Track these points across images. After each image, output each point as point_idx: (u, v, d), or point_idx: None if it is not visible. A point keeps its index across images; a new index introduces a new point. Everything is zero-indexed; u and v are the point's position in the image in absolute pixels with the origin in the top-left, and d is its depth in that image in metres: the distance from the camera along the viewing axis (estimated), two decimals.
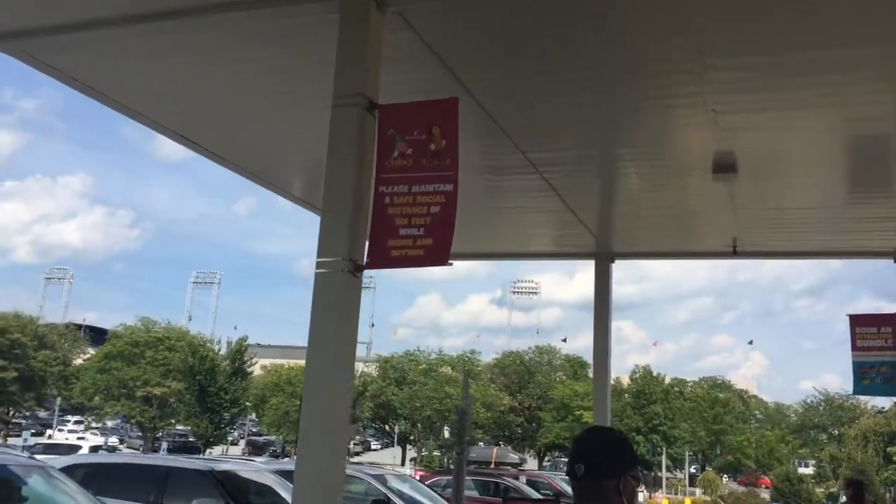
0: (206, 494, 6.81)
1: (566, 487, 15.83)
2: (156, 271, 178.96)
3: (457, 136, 3.45)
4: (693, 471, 53.09)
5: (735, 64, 4.06)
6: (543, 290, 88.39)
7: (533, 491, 14.36)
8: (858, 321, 7.67)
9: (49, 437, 41.27)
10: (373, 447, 59.87)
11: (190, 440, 43.48)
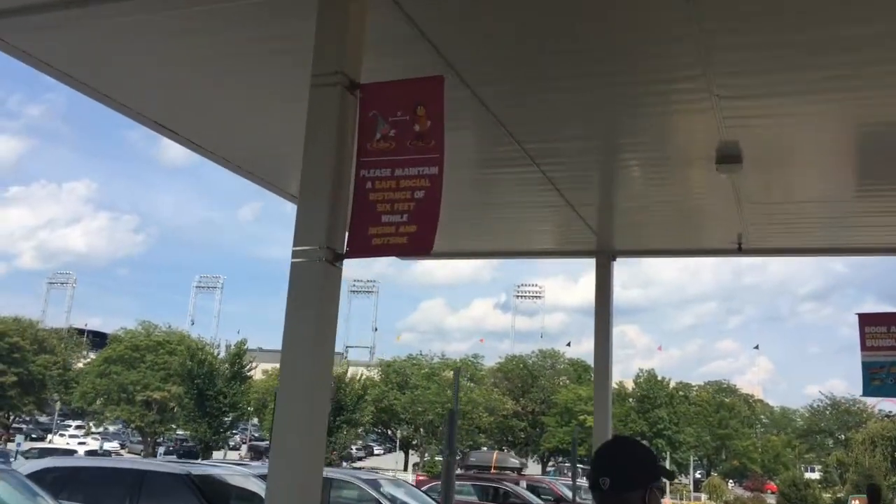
0: (182, 499, 6.54)
1: (567, 492, 15.55)
2: (160, 276, 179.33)
3: (443, 117, 3.25)
4: (698, 476, 52.72)
5: (738, 42, 3.84)
6: (548, 295, 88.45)
7: (534, 496, 14.09)
8: (868, 320, 7.44)
9: (50, 442, 41.16)
10: (375, 452, 59.61)
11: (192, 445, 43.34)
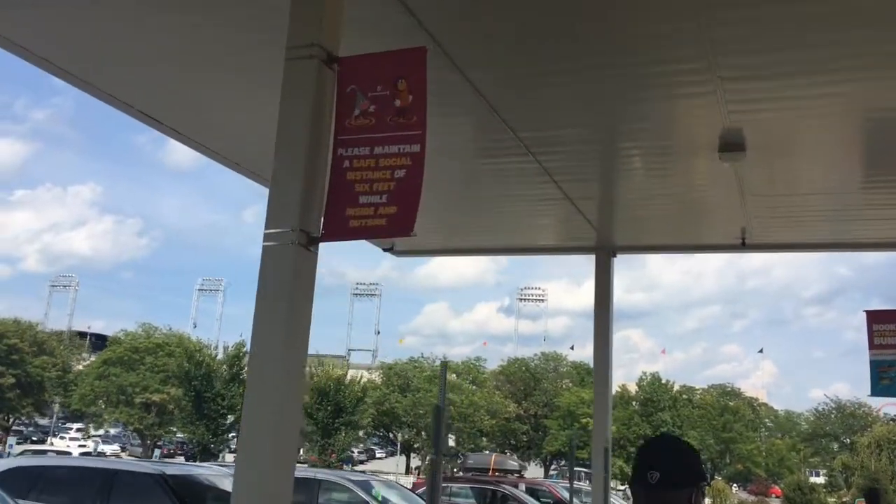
0: (155, 499, 6.31)
1: (566, 495, 15.33)
2: (164, 279, 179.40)
3: (425, 91, 3.04)
4: None
5: (742, 16, 3.63)
6: (551, 298, 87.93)
7: (533, 500, 13.86)
8: (876, 318, 7.22)
9: (50, 444, 41.03)
10: (377, 455, 59.30)
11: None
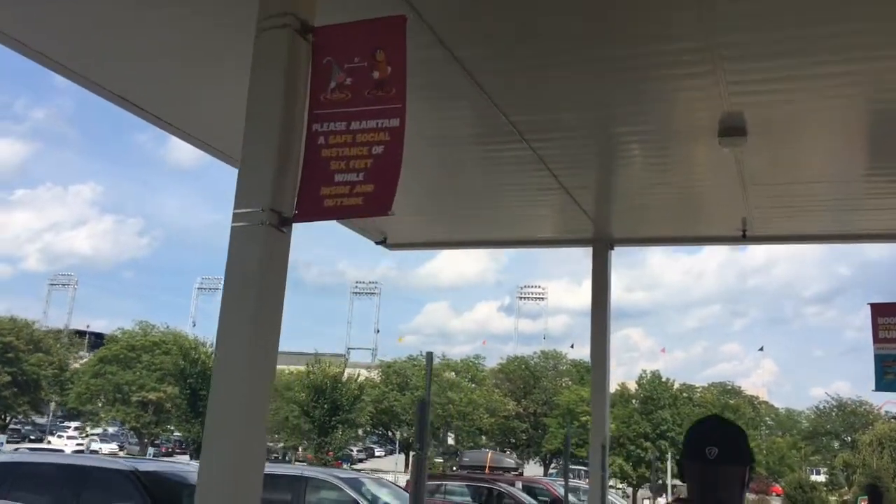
0: (127, 497, 6.08)
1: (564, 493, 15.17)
2: (165, 279, 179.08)
3: (405, 62, 2.87)
4: None
5: None
6: (552, 298, 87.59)
7: (529, 498, 13.68)
8: (881, 310, 7.04)
9: (48, 443, 40.89)
10: (377, 454, 59.15)
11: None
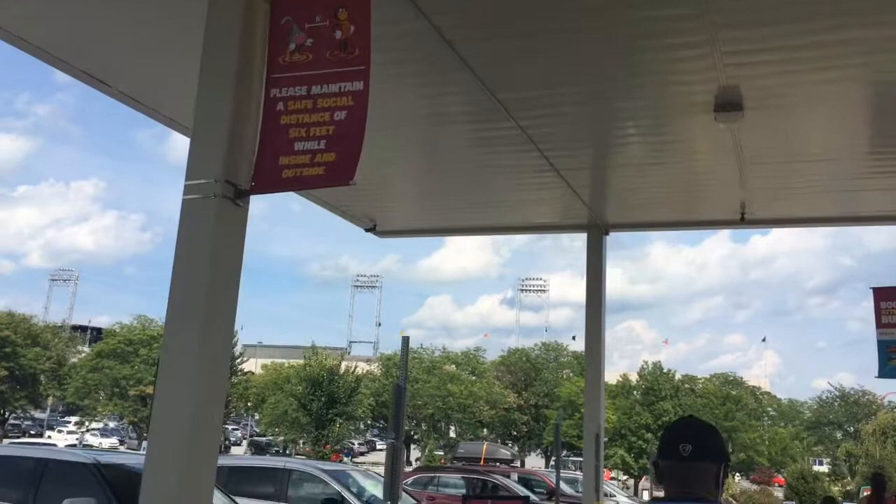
0: (86, 491, 5.80)
1: (562, 485, 14.93)
2: (167, 274, 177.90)
3: (369, 20, 2.66)
4: None
5: None
6: (554, 290, 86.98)
7: (525, 489, 13.50)
8: (884, 295, 6.85)
9: (48, 438, 40.89)
10: (378, 447, 59.04)
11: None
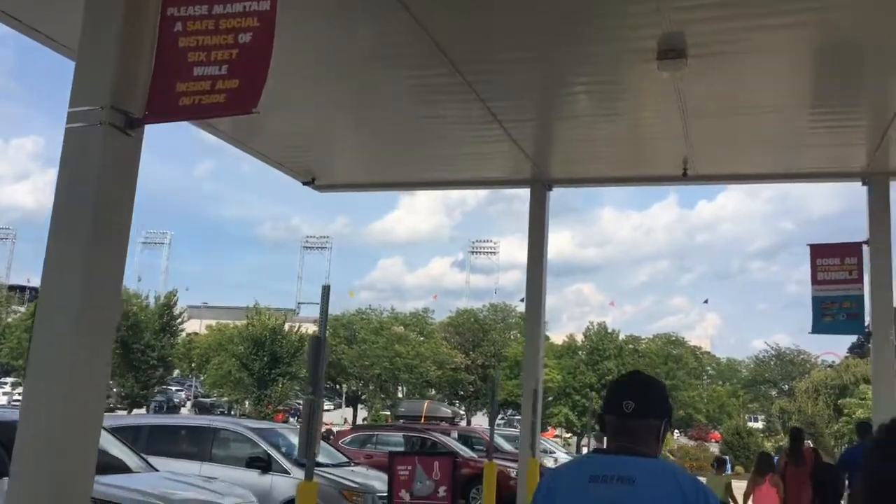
0: None
1: (502, 443, 15.02)
2: None
3: None
4: None
5: None
6: (504, 253, 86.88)
7: (465, 447, 13.53)
8: (820, 252, 6.87)
9: None
10: (325, 408, 59.03)
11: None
